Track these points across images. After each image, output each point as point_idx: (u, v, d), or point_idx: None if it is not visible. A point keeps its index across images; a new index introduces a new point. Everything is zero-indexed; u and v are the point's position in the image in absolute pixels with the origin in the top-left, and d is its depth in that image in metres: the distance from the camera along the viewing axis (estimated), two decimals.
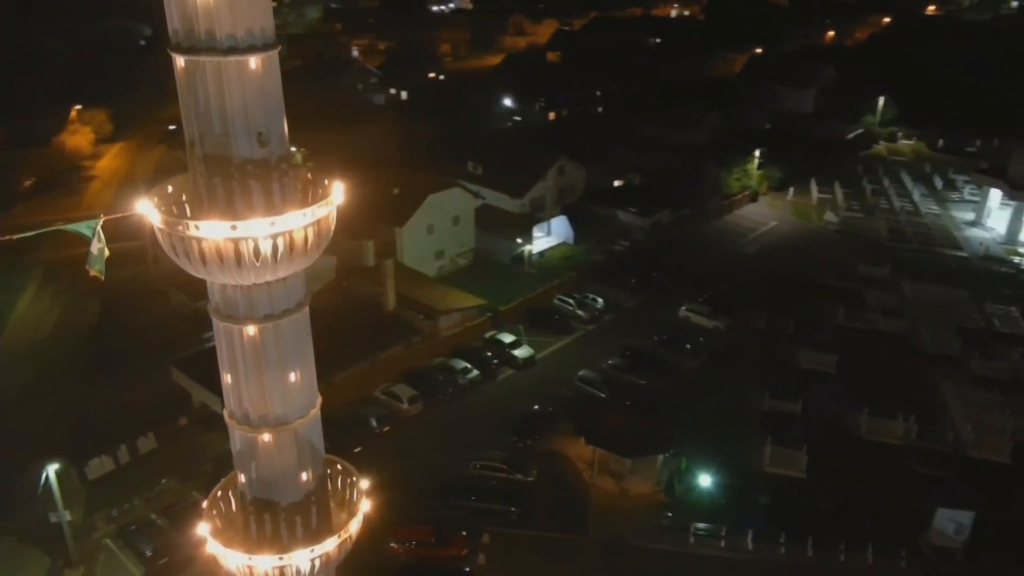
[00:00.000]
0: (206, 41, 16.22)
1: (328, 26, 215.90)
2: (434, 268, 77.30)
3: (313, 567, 20.59)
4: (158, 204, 17.00)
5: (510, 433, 54.84)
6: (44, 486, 42.46)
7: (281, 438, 20.04)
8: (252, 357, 19.16)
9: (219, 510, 20.87)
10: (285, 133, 17.66)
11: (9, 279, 75.81)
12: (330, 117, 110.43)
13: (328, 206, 18.39)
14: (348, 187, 51.15)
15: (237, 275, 17.25)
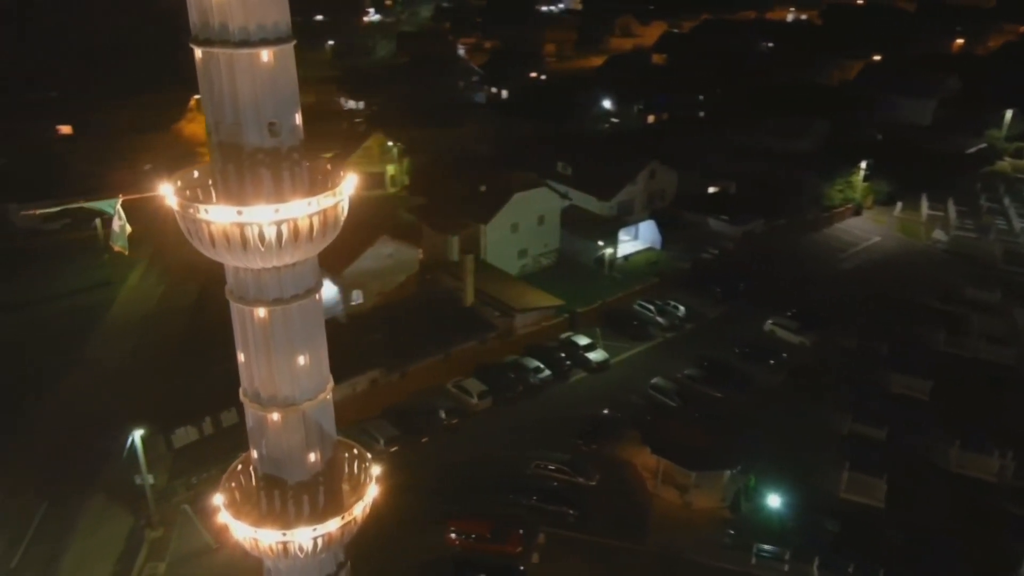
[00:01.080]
0: (220, 34, 17.02)
1: (438, 25, 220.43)
2: (517, 267, 77.70)
3: (316, 545, 21.28)
4: (180, 187, 18.06)
5: (576, 436, 54.58)
6: (130, 450, 45.36)
7: (289, 418, 20.83)
8: (262, 338, 20.02)
9: (237, 483, 21.87)
10: (297, 124, 18.32)
11: (122, 255, 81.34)
12: (430, 114, 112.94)
13: (335, 197, 18.83)
14: (440, 183, 51.75)
15: (244, 258, 18.10)
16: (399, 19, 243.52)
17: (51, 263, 79.65)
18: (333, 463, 22.06)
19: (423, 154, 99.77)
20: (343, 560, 23.68)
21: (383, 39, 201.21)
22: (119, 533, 46.67)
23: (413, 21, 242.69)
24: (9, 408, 56.93)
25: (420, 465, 52.16)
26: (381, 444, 52.86)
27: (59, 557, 45.04)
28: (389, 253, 69.21)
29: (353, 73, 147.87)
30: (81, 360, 63.51)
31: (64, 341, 65.94)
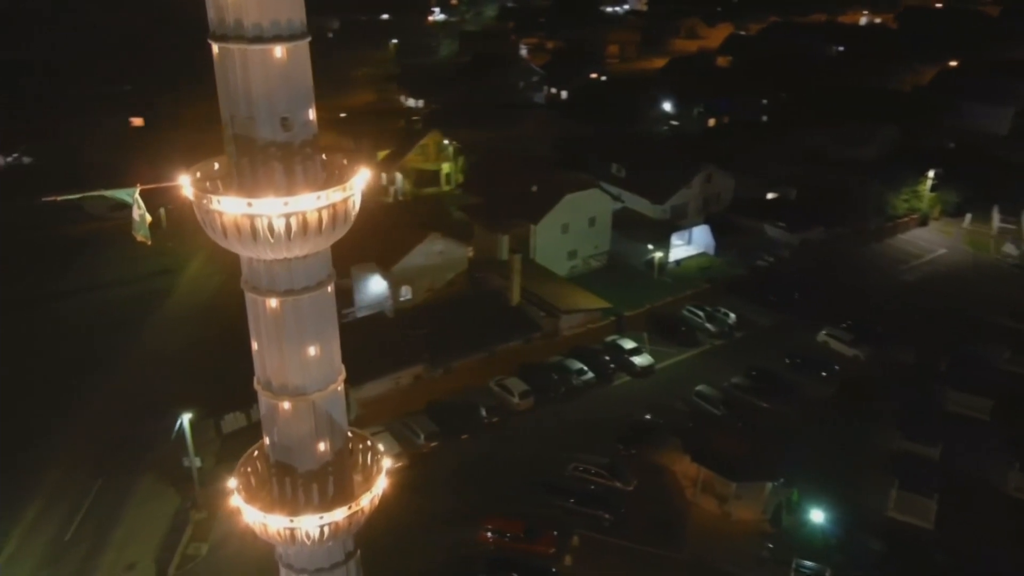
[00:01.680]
0: (234, 30, 17.49)
1: (502, 25, 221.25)
2: (566, 267, 77.47)
3: (322, 533, 21.67)
4: (200, 178, 18.65)
5: (616, 439, 54.15)
6: (178, 432, 46.87)
7: (299, 407, 21.26)
8: (273, 328, 20.50)
9: (252, 468, 22.42)
10: (311, 119, 18.68)
11: (187, 243, 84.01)
12: (488, 113, 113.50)
13: (344, 192, 19.11)
14: (493, 182, 51.79)
15: (254, 249, 18.56)
16: (463, 18, 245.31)
17: (117, 249, 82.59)
18: (344, 454, 22.42)
19: (479, 153, 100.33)
20: (352, 550, 24.04)
21: (446, 38, 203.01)
22: (166, 512, 48.28)
23: (477, 21, 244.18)
24: (70, 388, 59.49)
25: (458, 462, 52.53)
26: (421, 439, 53.39)
27: (109, 531, 46.88)
28: (439, 250, 69.84)
29: (414, 71, 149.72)
30: (139, 345, 65.94)
31: (125, 326, 68.56)
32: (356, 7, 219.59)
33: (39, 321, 70.00)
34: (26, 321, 69.75)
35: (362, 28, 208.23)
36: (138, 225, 18.69)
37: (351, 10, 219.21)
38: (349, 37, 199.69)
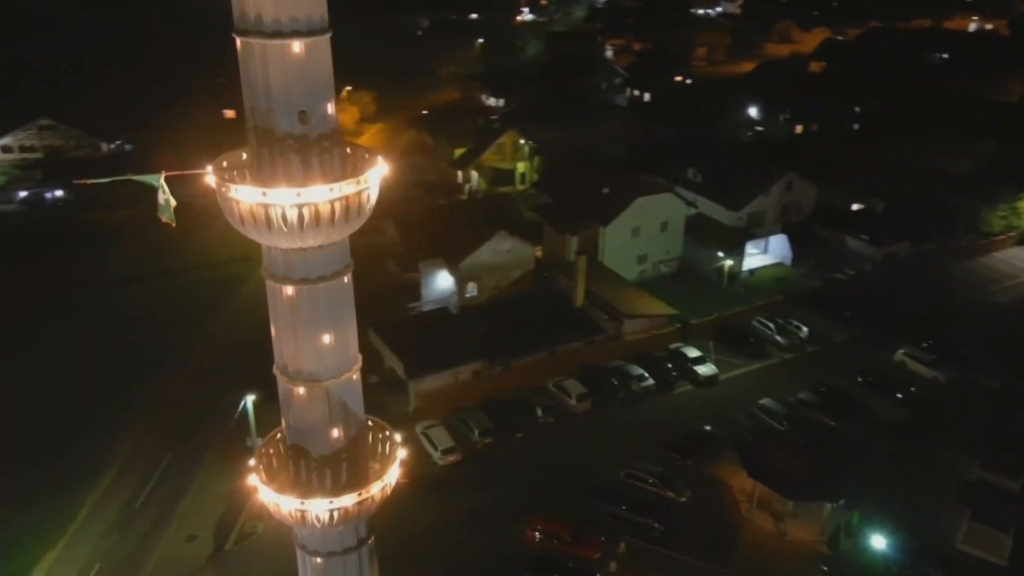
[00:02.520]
0: (255, 25, 18.04)
1: (590, 25, 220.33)
2: (635, 272, 76.54)
3: (332, 518, 22.15)
4: (227, 167, 19.33)
5: (672, 449, 53.21)
6: (241, 412, 48.66)
7: (313, 393, 21.79)
8: (289, 315, 21.03)
9: (275, 450, 23.06)
10: (329, 112, 19.06)
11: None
12: (567, 113, 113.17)
13: (357, 185, 19.42)
14: (566, 183, 51.28)
15: (269, 237, 19.10)
16: (552, 19, 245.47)
17: (200, 233, 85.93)
18: (358, 441, 22.85)
19: (555, 153, 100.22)
20: (364, 536, 24.45)
21: (533, 38, 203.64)
22: (227, 489, 50.09)
23: (566, 21, 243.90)
24: (150, 365, 62.52)
25: (510, 460, 52.69)
26: (475, 435, 53.79)
27: (175, 503, 49.14)
28: (506, 249, 70.20)
29: (497, 71, 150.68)
30: (216, 326, 68.73)
31: (204, 308, 71.55)
32: (446, 6, 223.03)
33: (129, 301, 73.79)
34: (119, 300, 73.70)
35: (451, 27, 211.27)
36: (163, 208, 19.61)
37: (441, 8, 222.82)
38: (438, 35, 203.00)
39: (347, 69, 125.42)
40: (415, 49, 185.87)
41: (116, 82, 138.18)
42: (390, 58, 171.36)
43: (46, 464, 51.45)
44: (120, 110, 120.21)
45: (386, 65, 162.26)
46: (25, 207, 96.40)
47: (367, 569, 24.44)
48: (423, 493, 49.73)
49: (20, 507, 47.53)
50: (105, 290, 75.80)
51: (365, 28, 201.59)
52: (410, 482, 49.88)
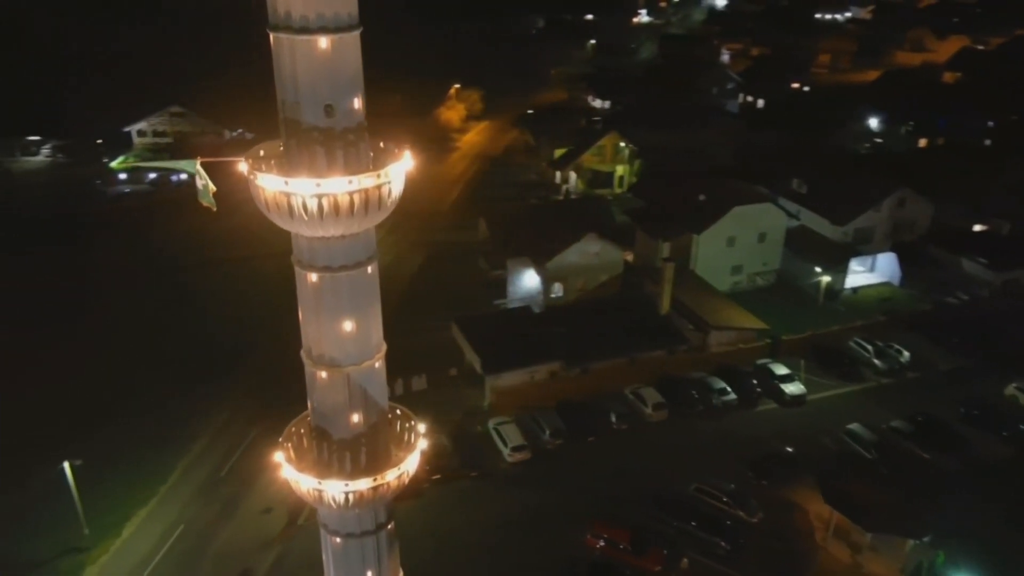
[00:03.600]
0: (284, 20, 18.74)
1: (707, 28, 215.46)
2: (728, 282, 74.43)
3: (347, 500, 22.72)
4: (264, 155, 20.15)
5: (748, 467, 51.49)
6: None
7: (334, 378, 22.42)
8: (312, 301, 21.80)
9: (305, 429, 23.85)
10: (356, 107, 19.73)
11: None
12: (673, 118, 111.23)
13: (377, 179, 19.81)
14: (664, 187, 50.54)
15: (291, 224, 19.82)
16: (669, 21, 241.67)
17: None
18: (378, 427, 23.36)
19: (657, 158, 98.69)
20: (384, 521, 24.88)
21: (648, 40, 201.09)
22: None
23: (684, 24, 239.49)
24: (249, 340, 65.55)
25: (579, 463, 52.41)
26: (546, 435, 53.82)
27: (256, 476, 51.52)
28: (595, 251, 69.85)
29: (606, 72, 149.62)
30: None
31: None
32: (562, 6, 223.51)
33: (242, 278, 77.15)
34: (231, 278, 77.35)
35: (566, 27, 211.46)
36: (202, 193, 20.67)
37: (557, 9, 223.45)
38: (552, 36, 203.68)
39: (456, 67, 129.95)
40: (528, 49, 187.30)
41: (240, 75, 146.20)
42: (502, 58, 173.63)
43: (145, 427, 55.11)
44: (243, 101, 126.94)
45: (497, 64, 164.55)
46: (153, 187, 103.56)
47: (385, 553, 24.94)
48: (489, 487, 50.32)
49: (119, 467, 51.11)
50: (220, 265, 79.79)
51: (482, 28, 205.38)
52: (478, 476, 50.96)
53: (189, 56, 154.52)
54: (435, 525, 46.72)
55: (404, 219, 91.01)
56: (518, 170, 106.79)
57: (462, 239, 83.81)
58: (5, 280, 74.15)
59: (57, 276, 76.56)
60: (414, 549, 44.82)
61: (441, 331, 64.66)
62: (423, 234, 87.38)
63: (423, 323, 66.86)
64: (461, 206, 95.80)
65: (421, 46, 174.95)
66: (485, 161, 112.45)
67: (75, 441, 50.37)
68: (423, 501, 49.23)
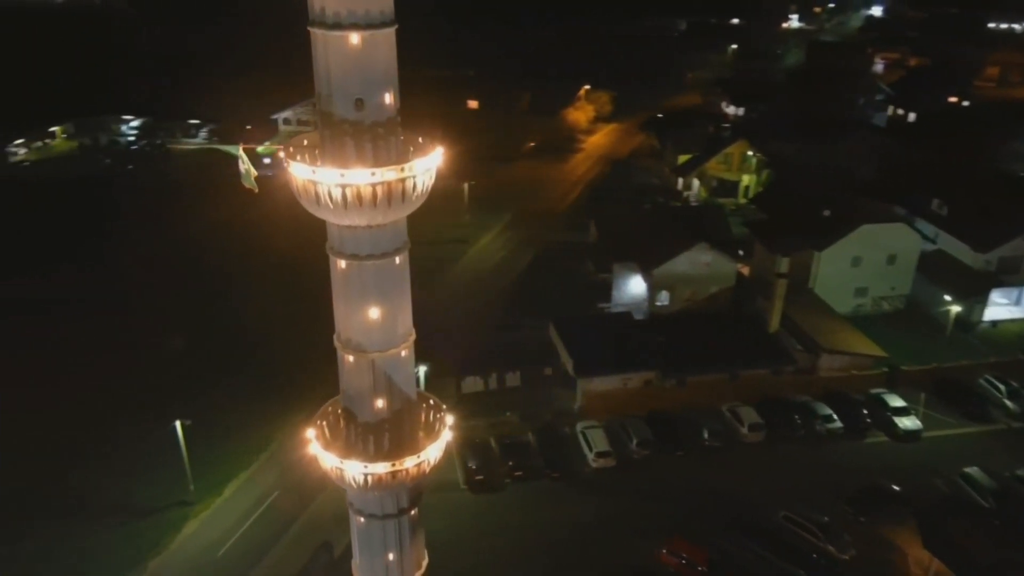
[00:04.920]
0: (319, 16, 19.46)
1: (863, 36, 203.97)
2: (849, 304, 70.32)
3: (366, 481, 23.28)
4: (307, 145, 20.98)
5: (846, 501, 48.50)
6: None
7: (360, 363, 23.05)
8: (341, 287, 22.68)
9: (335, 411, 24.68)
10: (386, 103, 20.14)
11: (486, 218, 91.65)
12: (811, 127, 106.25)
13: (399, 172, 20.14)
14: (788, 199, 48.81)
15: (318, 211, 20.56)
16: (821, 27, 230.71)
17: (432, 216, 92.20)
18: (403, 414, 23.87)
19: (788, 169, 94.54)
20: (406, 507, 25.24)
21: (795, 47, 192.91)
22: None
23: (838, 30, 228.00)
24: None
25: (664, 476, 51.24)
26: (633, 444, 52.97)
27: None
28: (706, 261, 67.85)
29: (745, 78, 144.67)
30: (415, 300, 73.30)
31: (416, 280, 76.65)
32: (707, 10, 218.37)
33: None
34: None
35: (709, 31, 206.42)
36: (245, 177, 21.75)
37: (701, 12, 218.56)
38: (693, 39, 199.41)
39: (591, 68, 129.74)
40: (666, 52, 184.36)
41: None
42: (639, 60, 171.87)
43: (254, 396, 58.59)
44: None
45: (634, 66, 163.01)
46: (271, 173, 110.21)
47: (407, 538, 25.42)
48: (568, 490, 50.15)
49: (227, 430, 54.69)
50: None
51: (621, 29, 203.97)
52: (559, 477, 50.92)
53: None
54: (508, 520, 47.20)
55: (520, 217, 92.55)
56: (640, 174, 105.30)
57: (573, 240, 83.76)
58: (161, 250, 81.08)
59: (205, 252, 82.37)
60: (483, 541, 45.64)
61: (540, 329, 64.91)
62: (536, 232, 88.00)
63: (525, 320, 67.48)
64: (577, 207, 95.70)
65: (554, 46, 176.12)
66: (608, 164, 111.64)
67: (188, 403, 53.83)
68: (502, 496, 49.82)
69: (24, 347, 64.77)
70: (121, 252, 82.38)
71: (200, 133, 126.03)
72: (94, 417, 56.12)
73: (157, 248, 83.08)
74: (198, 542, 46.64)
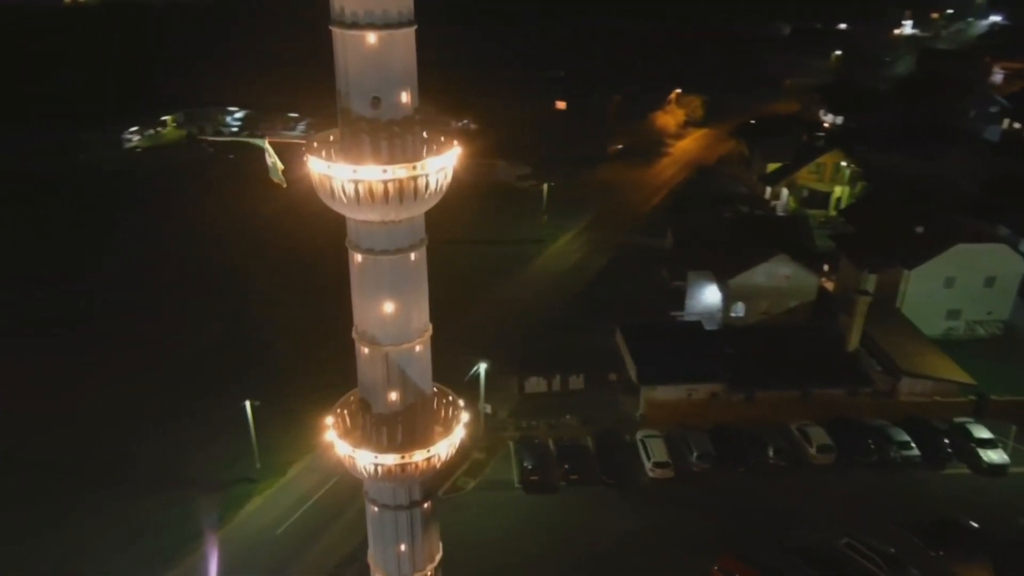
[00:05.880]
0: (339, 16, 19.84)
1: (983, 43, 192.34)
2: (940, 327, 66.60)
3: (376, 471, 23.62)
4: (332, 140, 21.36)
5: (916, 533, 45.96)
6: (472, 376, 52.42)
7: (373, 355, 23.39)
8: (358, 281, 23.25)
9: (355, 400, 25.03)
10: (403, 101, 20.34)
11: (566, 219, 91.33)
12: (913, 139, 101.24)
13: (411, 170, 20.33)
14: (880, 214, 46.79)
15: (333, 204, 20.93)
16: (937, 34, 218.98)
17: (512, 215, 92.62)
18: (416, 408, 24.27)
19: (884, 181, 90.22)
20: (418, 499, 25.42)
21: (906, 54, 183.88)
22: None
23: (955, 38, 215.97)
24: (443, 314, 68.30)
25: (723, 492, 49.89)
26: (693, 457, 51.81)
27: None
28: (785, 274, 65.69)
29: (846, 85, 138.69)
30: (490, 295, 73.84)
31: (489, 277, 77.26)
32: (813, 14, 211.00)
33: (439, 261, 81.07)
34: (440, 257, 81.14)
35: (814, 36, 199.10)
36: (271, 170, 22.36)
37: (807, 17, 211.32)
38: (797, 44, 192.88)
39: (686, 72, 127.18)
40: (767, 56, 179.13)
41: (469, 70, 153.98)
42: (738, 64, 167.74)
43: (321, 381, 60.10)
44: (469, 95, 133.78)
45: (731, 70, 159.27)
46: None
47: (419, 530, 25.69)
48: (621, 498, 49.53)
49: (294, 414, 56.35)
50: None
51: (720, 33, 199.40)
52: (614, 484, 50.35)
53: (429, 51, 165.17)
54: (558, 522, 47.12)
55: (599, 220, 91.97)
56: (727, 182, 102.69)
57: (651, 245, 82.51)
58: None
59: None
60: (530, 540, 45.55)
61: (609, 334, 64.26)
62: (614, 235, 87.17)
63: (593, 324, 66.92)
64: (658, 212, 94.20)
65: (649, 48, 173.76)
66: (694, 169, 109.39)
67: (259, 386, 55.39)
68: (555, 498, 49.67)
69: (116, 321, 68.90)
70: (207, 236, 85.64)
71: (299, 126, 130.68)
72: (170, 395, 58.86)
73: (242, 232, 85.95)
74: (259, 519, 48.47)
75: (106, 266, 79.97)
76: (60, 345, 65.65)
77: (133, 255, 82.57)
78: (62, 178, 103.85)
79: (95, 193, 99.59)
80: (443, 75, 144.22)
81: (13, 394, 57.46)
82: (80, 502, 48.50)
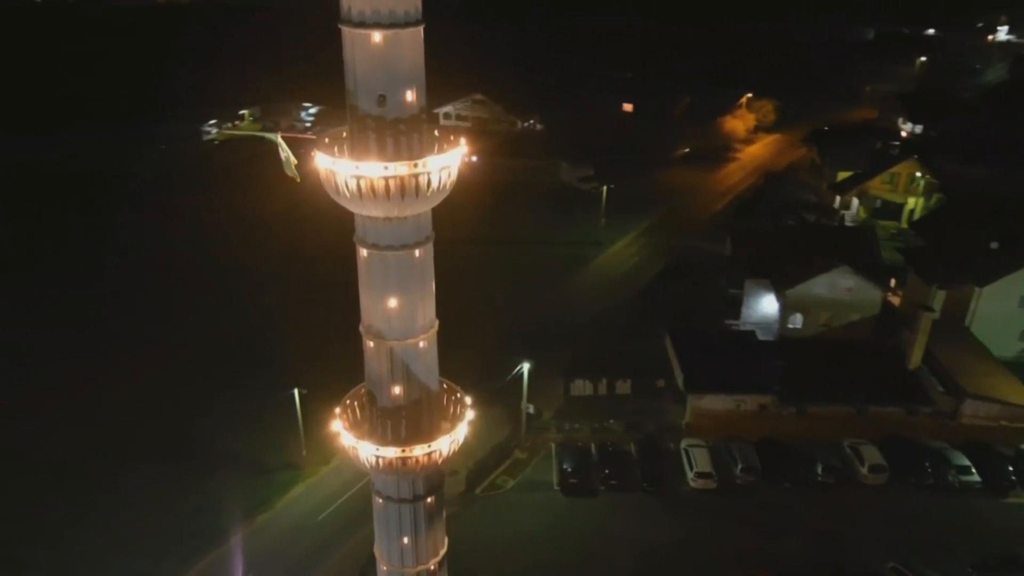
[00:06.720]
0: (346, 15, 20.11)
1: None
2: (1013, 349, 63.41)
3: (377, 463, 23.80)
4: (343, 138, 21.66)
5: (974, 565, 43.84)
6: (515, 375, 52.48)
7: (378, 349, 23.57)
8: (365, 275, 23.46)
9: (364, 393, 25.33)
10: (409, 100, 20.42)
11: (625, 222, 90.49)
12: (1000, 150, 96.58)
13: (412, 168, 20.38)
14: (953, 228, 45.25)
15: (337, 199, 21.08)
16: None
17: (572, 216, 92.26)
18: (420, 404, 24.38)
19: (964, 193, 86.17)
20: (422, 494, 25.46)
21: (1000, 61, 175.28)
22: (496, 441, 54.39)
23: None
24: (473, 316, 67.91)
25: (766, 507, 48.71)
26: (737, 469, 50.69)
27: None
28: (847, 286, 63.53)
29: (929, 93, 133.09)
30: (540, 295, 73.65)
31: (545, 279, 77.13)
32: (901, 19, 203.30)
33: (492, 258, 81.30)
34: (496, 257, 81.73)
35: (899, 41, 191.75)
36: (286, 164, 22.72)
37: (894, 21, 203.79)
38: (881, 49, 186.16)
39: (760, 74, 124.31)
40: (849, 61, 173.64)
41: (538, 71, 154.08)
42: (818, 68, 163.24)
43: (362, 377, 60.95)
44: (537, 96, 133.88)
45: (810, 74, 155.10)
46: None
47: (423, 524, 25.81)
48: (660, 506, 48.89)
49: None
50: (476, 246, 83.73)
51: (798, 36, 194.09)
52: (654, 491, 49.75)
53: (495, 53, 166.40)
54: (594, 527, 47.01)
55: (659, 224, 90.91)
56: (795, 189, 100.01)
57: (711, 251, 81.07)
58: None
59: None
60: (564, 543, 45.35)
61: (660, 339, 63.38)
62: (673, 240, 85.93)
63: (646, 329, 66.06)
64: (721, 218, 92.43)
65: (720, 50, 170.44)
66: (762, 176, 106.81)
67: (305, 374, 56.28)
68: (593, 502, 49.38)
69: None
70: (256, 224, 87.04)
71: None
72: (221, 378, 60.56)
73: (285, 224, 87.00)
74: (302, 505, 49.68)
75: (142, 261, 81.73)
76: (102, 336, 67.55)
77: (178, 248, 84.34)
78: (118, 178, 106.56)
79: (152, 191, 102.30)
80: (513, 75, 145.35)
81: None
82: (136, 483, 50.40)
